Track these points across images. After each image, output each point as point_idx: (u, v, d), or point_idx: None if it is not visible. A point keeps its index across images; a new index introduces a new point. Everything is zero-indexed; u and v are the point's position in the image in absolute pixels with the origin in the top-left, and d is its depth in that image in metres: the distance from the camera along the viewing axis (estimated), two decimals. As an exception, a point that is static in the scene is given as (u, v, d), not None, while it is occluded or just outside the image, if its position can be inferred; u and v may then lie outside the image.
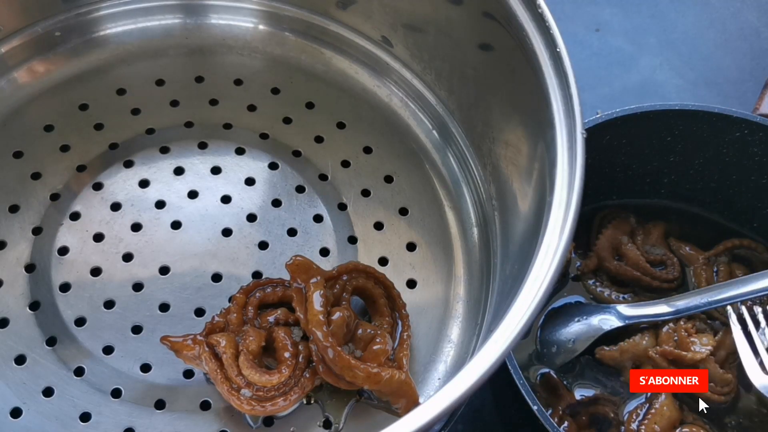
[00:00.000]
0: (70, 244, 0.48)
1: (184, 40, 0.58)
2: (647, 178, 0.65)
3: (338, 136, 0.55)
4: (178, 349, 0.43)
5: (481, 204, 0.52)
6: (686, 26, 0.89)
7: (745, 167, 0.62)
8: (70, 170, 0.51)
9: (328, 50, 0.58)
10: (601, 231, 0.64)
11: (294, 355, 0.42)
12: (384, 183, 0.53)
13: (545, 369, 0.58)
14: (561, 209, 0.37)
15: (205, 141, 0.53)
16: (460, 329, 0.48)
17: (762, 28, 0.89)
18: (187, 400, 0.44)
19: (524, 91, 0.44)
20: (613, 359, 0.58)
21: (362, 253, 0.50)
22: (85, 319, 0.46)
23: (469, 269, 0.50)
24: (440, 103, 0.55)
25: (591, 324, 0.58)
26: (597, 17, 0.89)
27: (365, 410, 0.44)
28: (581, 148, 0.39)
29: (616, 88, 0.84)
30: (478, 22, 0.47)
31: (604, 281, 0.63)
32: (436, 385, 0.46)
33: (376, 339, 0.43)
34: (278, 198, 0.51)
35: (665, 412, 0.55)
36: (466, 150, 0.53)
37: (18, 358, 0.44)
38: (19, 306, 0.46)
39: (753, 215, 0.65)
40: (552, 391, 0.57)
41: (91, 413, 0.43)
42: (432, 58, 0.54)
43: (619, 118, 0.58)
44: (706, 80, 0.85)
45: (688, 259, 0.64)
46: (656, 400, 0.56)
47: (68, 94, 0.54)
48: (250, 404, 0.41)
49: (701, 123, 0.59)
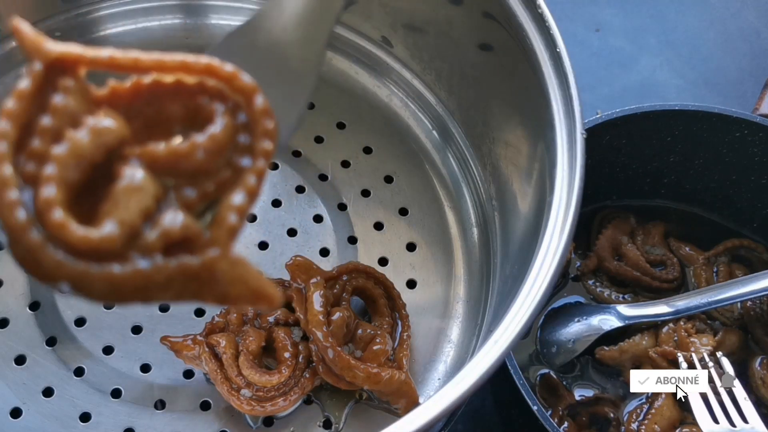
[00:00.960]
0: (70, 244, 0.48)
1: (184, 40, 0.58)
2: (647, 179, 0.65)
3: (338, 136, 0.55)
4: (178, 350, 0.43)
5: (481, 204, 0.52)
6: (686, 26, 0.89)
7: (745, 167, 0.62)
8: (70, 170, 0.51)
9: (328, 50, 0.58)
10: (601, 231, 0.64)
11: (294, 355, 0.42)
12: (384, 183, 0.53)
13: (545, 369, 0.58)
14: (561, 209, 0.37)
15: (205, 141, 0.53)
16: (460, 329, 0.48)
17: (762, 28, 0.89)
18: (187, 400, 0.44)
19: (524, 91, 0.44)
20: (613, 359, 0.58)
21: (362, 253, 0.50)
22: (85, 319, 0.46)
23: (469, 269, 0.50)
24: (440, 103, 0.55)
25: (591, 324, 0.58)
26: (597, 17, 0.89)
27: (365, 410, 0.44)
28: (581, 148, 0.39)
29: (616, 88, 0.84)
30: (478, 22, 0.47)
31: (604, 281, 0.63)
32: (436, 385, 0.46)
33: (376, 339, 0.43)
34: (278, 198, 0.51)
35: (665, 412, 0.55)
36: (466, 150, 0.53)
37: (18, 358, 0.44)
38: (19, 306, 0.46)
39: (753, 215, 0.65)
40: (552, 392, 0.57)
41: (91, 413, 0.43)
42: (432, 58, 0.54)
43: (619, 118, 0.58)
44: (706, 80, 0.85)
45: (688, 260, 0.63)
46: (656, 401, 0.56)
47: (68, 94, 0.54)
48: (250, 404, 0.41)
49: (701, 123, 0.59)
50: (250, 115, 0.22)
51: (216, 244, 0.21)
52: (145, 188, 0.21)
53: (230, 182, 0.22)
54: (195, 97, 0.22)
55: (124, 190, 0.20)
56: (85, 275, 0.20)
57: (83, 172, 0.21)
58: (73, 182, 0.20)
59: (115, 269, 0.20)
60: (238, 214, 0.22)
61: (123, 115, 0.22)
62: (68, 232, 0.20)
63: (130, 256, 0.20)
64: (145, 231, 0.21)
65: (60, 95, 0.21)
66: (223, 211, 0.22)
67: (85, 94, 0.22)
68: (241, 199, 0.22)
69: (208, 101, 0.22)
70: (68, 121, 0.21)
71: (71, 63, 0.21)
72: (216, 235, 0.21)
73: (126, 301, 0.21)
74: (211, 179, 0.22)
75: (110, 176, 0.21)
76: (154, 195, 0.21)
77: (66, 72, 0.21)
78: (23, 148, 0.21)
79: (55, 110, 0.21)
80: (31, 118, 0.21)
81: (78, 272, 0.20)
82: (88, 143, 0.21)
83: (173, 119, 0.22)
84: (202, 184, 0.22)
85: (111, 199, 0.20)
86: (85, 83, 0.22)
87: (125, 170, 0.21)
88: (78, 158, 0.20)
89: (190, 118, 0.22)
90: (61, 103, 0.21)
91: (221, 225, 0.22)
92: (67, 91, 0.21)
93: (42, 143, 0.20)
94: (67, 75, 0.21)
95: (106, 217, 0.20)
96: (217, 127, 0.22)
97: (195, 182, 0.22)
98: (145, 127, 0.22)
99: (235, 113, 0.22)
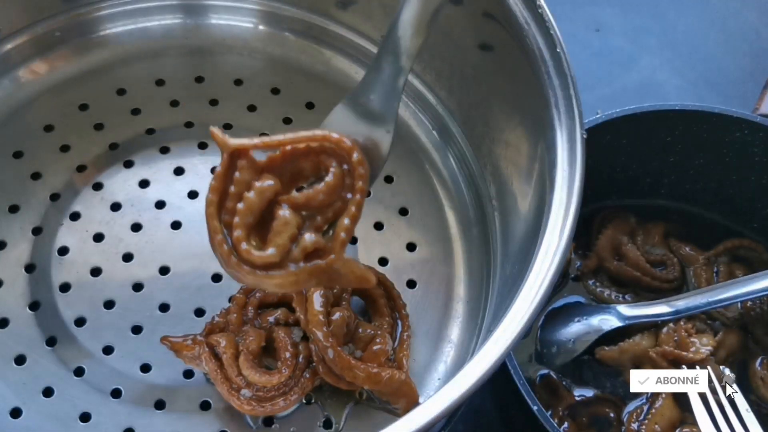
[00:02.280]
0: (70, 245, 0.48)
1: (184, 40, 0.58)
2: (647, 179, 0.65)
3: (338, 136, 0.54)
4: (178, 350, 0.43)
5: (481, 204, 0.52)
6: (686, 26, 0.89)
7: (745, 167, 0.62)
8: (70, 170, 0.51)
9: (328, 50, 0.58)
10: (601, 231, 0.64)
11: (294, 355, 0.42)
12: (384, 183, 0.53)
13: (545, 370, 0.58)
14: (561, 209, 0.37)
15: (205, 141, 0.53)
16: (460, 329, 0.48)
17: (762, 28, 0.89)
18: (187, 400, 0.44)
19: (524, 91, 0.44)
20: (613, 359, 0.58)
21: (362, 253, 0.50)
22: (85, 319, 0.46)
23: (469, 269, 0.50)
24: (440, 103, 0.55)
25: (591, 324, 0.58)
26: (597, 17, 0.89)
27: (365, 410, 0.44)
28: (581, 148, 0.39)
29: (616, 88, 0.84)
30: (478, 22, 0.47)
31: (604, 281, 0.63)
32: (436, 385, 0.46)
33: (376, 339, 0.43)
34: (278, 198, 0.52)
35: (666, 412, 0.55)
36: (466, 150, 0.53)
37: (18, 358, 0.44)
38: (19, 306, 0.46)
39: (753, 215, 0.65)
40: (552, 392, 0.57)
41: (90, 413, 0.43)
42: (432, 58, 0.54)
43: (619, 118, 0.58)
44: (707, 80, 0.85)
45: (688, 260, 0.63)
46: (657, 401, 0.56)
47: (68, 94, 0.54)
48: (250, 404, 0.41)
49: (701, 123, 0.59)
50: (350, 164, 0.35)
51: (334, 251, 0.34)
52: (291, 222, 0.34)
53: (341, 210, 0.35)
54: (318, 155, 0.35)
55: (279, 225, 0.34)
56: (262, 279, 0.34)
57: (255, 216, 0.34)
58: (250, 224, 0.34)
59: (277, 274, 0.34)
60: (345, 232, 0.34)
61: (276, 173, 0.35)
62: (250, 256, 0.34)
63: (285, 265, 0.34)
64: (293, 248, 0.34)
65: (238, 172, 0.34)
66: (337, 230, 0.34)
67: (253, 165, 0.34)
68: (347, 222, 0.34)
69: (326, 157, 0.35)
70: (245, 186, 0.34)
71: (244, 150, 0.34)
72: (333, 246, 0.34)
73: (288, 289, 0.38)
74: (330, 209, 0.35)
75: (272, 214, 0.34)
76: (297, 224, 0.34)
77: (241, 156, 0.34)
78: (222, 206, 0.34)
79: (237, 182, 0.34)
80: (225, 188, 0.34)
81: (259, 278, 0.34)
82: (256, 199, 0.34)
83: (306, 171, 0.35)
84: (325, 213, 0.35)
85: (272, 231, 0.34)
86: (253, 159, 0.34)
87: (279, 212, 0.34)
88: (252, 210, 0.34)
89: (316, 168, 0.35)
90: (239, 177, 0.34)
91: (336, 239, 0.34)
92: (242, 168, 0.34)
93: (232, 203, 0.34)
94: (241, 158, 0.34)
95: (270, 244, 0.34)
96: (330, 177, 0.34)
97: (321, 212, 0.35)
98: (290, 178, 0.35)
99: (341, 164, 0.35)
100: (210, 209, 0.34)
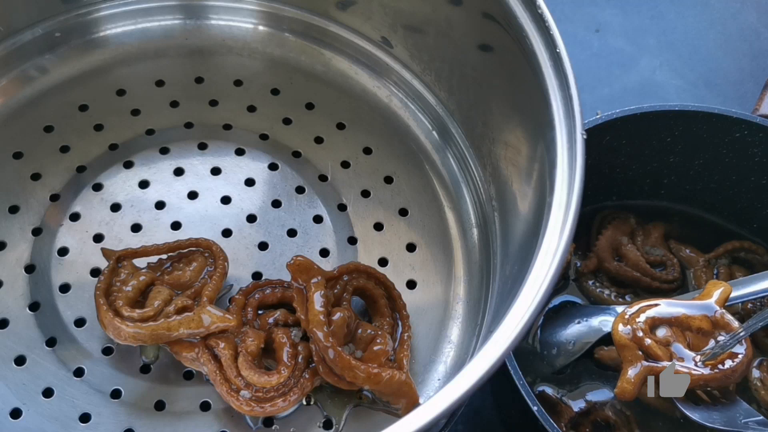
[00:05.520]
0: (70, 245, 0.48)
1: (184, 41, 0.58)
2: (647, 179, 0.65)
3: (338, 136, 0.55)
4: (178, 351, 0.43)
5: (481, 205, 0.52)
6: (686, 27, 0.89)
7: (745, 168, 0.62)
8: (70, 171, 0.51)
9: (327, 51, 0.58)
10: (601, 232, 0.64)
11: (293, 355, 0.42)
12: (384, 183, 0.53)
13: (540, 387, 0.58)
14: (561, 210, 0.37)
15: (204, 142, 0.53)
16: (460, 330, 0.48)
17: (762, 29, 0.89)
18: (187, 400, 0.44)
19: (524, 91, 0.44)
20: (613, 359, 0.58)
21: (362, 253, 0.50)
22: (84, 320, 0.46)
23: (469, 270, 0.50)
24: (440, 104, 0.55)
25: (591, 326, 0.58)
26: (597, 18, 0.89)
27: (365, 411, 0.44)
28: (581, 148, 0.39)
29: (616, 88, 0.84)
30: (477, 23, 0.47)
31: (604, 282, 0.63)
32: (436, 386, 0.46)
33: (376, 339, 0.43)
34: (278, 199, 0.51)
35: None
36: (466, 151, 0.53)
37: (18, 358, 0.44)
38: (18, 307, 0.46)
39: (753, 216, 0.65)
40: (551, 410, 0.57)
41: (90, 414, 0.43)
42: (432, 58, 0.54)
43: (619, 118, 0.58)
44: (706, 81, 0.85)
45: (689, 262, 0.63)
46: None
47: (68, 95, 0.54)
48: (250, 405, 0.41)
49: (701, 124, 0.59)
50: (211, 253, 0.47)
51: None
52: (162, 292, 0.44)
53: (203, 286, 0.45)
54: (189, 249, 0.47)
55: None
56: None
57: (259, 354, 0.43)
58: (256, 354, 0.43)
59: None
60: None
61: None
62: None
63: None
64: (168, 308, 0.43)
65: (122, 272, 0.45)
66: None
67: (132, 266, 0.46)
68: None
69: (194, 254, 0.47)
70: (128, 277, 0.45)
71: (125, 255, 0.46)
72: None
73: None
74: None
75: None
76: (168, 294, 0.44)
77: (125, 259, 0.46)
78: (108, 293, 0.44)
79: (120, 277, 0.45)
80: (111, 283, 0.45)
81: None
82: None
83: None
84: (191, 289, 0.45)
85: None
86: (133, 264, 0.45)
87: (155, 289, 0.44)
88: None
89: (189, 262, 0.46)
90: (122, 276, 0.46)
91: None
92: (124, 268, 0.45)
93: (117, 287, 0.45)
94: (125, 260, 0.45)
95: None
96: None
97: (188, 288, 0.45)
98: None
99: (204, 253, 0.47)
100: (97, 293, 0.43)
